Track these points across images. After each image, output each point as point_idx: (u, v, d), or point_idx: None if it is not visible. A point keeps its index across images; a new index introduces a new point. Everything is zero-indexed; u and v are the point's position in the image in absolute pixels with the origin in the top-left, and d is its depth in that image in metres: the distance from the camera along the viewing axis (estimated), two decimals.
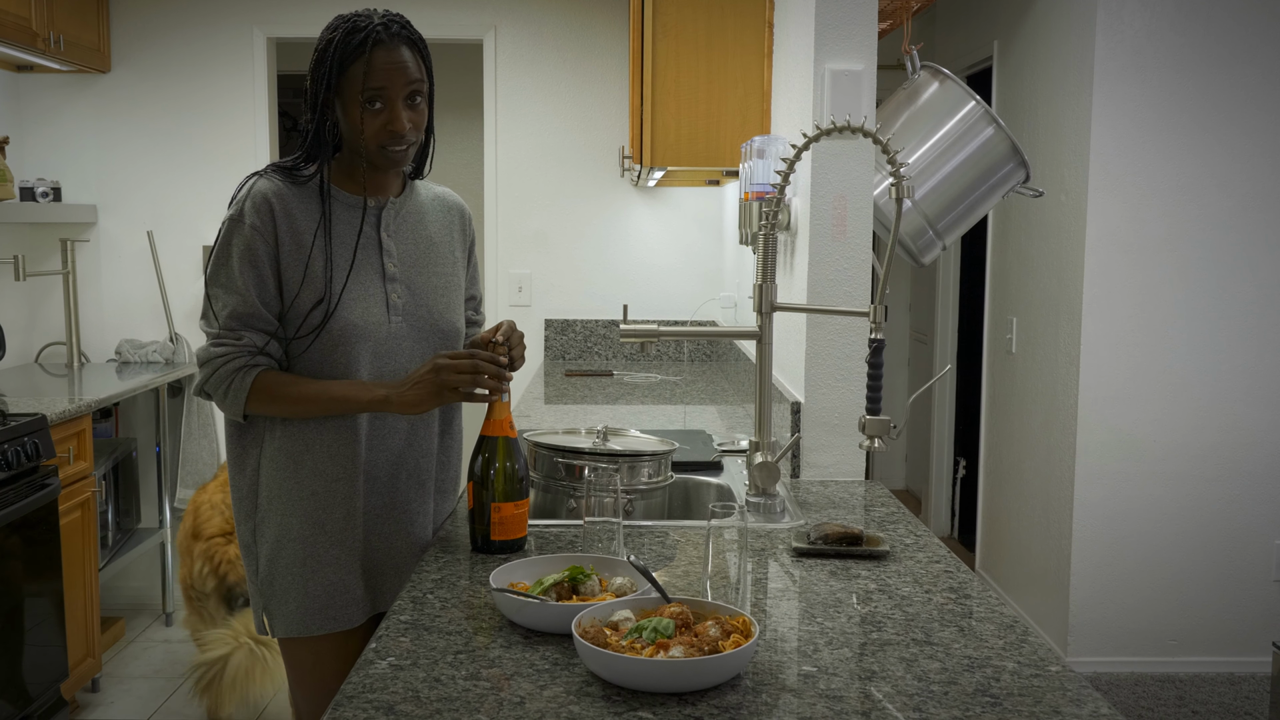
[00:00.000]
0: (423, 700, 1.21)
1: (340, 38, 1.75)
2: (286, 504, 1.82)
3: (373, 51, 1.73)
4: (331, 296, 1.79)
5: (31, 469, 2.95)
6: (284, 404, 1.79)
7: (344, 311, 1.80)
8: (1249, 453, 3.64)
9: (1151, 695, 3.54)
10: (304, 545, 1.82)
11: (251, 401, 1.78)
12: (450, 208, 2.02)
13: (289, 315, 1.81)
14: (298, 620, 1.83)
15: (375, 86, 1.74)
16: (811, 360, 2.36)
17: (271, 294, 1.79)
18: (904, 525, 1.96)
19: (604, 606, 1.35)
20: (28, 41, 3.63)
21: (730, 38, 2.96)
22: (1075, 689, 1.25)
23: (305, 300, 1.79)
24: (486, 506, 1.73)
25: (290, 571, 1.83)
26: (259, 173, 1.85)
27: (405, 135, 1.78)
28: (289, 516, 1.82)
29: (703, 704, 1.19)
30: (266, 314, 1.79)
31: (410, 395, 1.76)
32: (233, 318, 1.78)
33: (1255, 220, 3.59)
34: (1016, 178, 2.75)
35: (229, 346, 1.77)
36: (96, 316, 4.38)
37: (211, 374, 1.78)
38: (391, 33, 1.75)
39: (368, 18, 1.76)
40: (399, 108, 1.76)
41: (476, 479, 1.74)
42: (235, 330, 1.78)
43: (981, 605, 1.54)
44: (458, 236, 2.01)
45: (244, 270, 1.78)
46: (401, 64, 1.75)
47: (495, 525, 1.74)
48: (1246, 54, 3.54)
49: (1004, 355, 4.33)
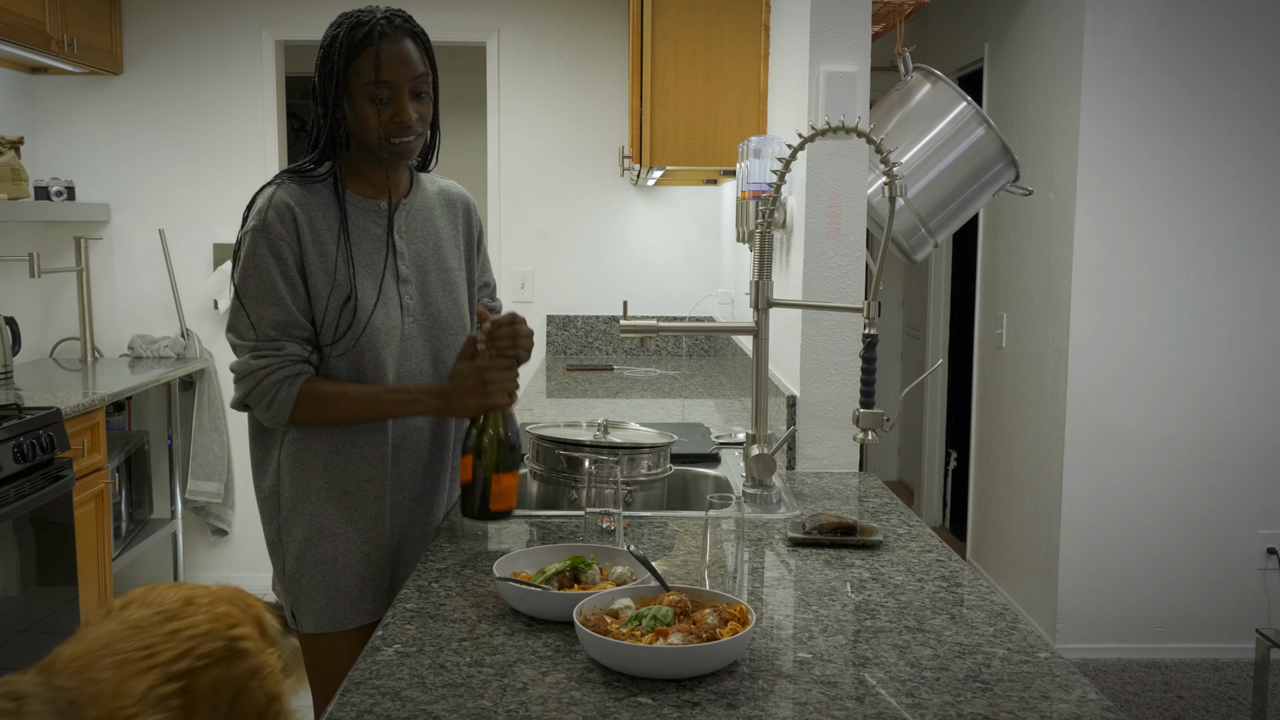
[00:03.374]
0: (428, 686, 1.21)
1: (345, 33, 1.73)
2: (316, 503, 1.81)
3: (379, 45, 1.72)
4: (357, 301, 1.77)
5: (47, 461, 2.95)
6: (332, 413, 1.77)
7: (364, 318, 1.78)
8: (1233, 445, 3.64)
9: (1138, 681, 3.54)
10: (335, 543, 1.82)
11: (298, 411, 1.75)
12: (454, 200, 2.01)
13: (323, 323, 1.78)
14: (326, 616, 1.83)
15: (382, 79, 1.72)
16: (807, 355, 2.36)
17: (304, 302, 1.76)
18: (897, 516, 1.96)
19: (605, 595, 1.35)
20: (42, 44, 3.63)
21: (727, 40, 2.95)
22: (1063, 675, 1.25)
23: (333, 307, 1.77)
24: (488, 478, 1.75)
25: (320, 569, 1.82)
26: (274, 181, 1.82)
27: (412, 126, 1.76)
28: (319, 515, 1.82)
29: (701, 690, 1.20)
30: (304, 322, 1.76)
31: (460, 405, 1.78)
32: (273, 328, 1.74)
33: (1240, 217, 3.59)
34: (1007, 176, 2.75)
35: (271, 358, 1.74)
36: (109, 312, 4.38)
37: (255, 385, 1.74)
38: (395, 26, 1.74)
39: (370, 13, 1.75)
40: (405, 100, 1.75)
41: (475, 451, 1.76)
42: (275, 340, 1.74)
43: (972, 593, 1.54)
44: (463, 229, 2.00)
45: (279, 280, 1.74)
46: (407, 57, 1.74)
47: (495, 496, 1.76)
48: (1230, 54, 3.53)
49: (994, 350, 4.33)
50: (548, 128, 4.44)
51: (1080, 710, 1.16)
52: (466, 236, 2.01)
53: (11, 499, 2.76)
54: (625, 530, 1.80)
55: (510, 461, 1.77)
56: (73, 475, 3.08)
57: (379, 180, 1.86)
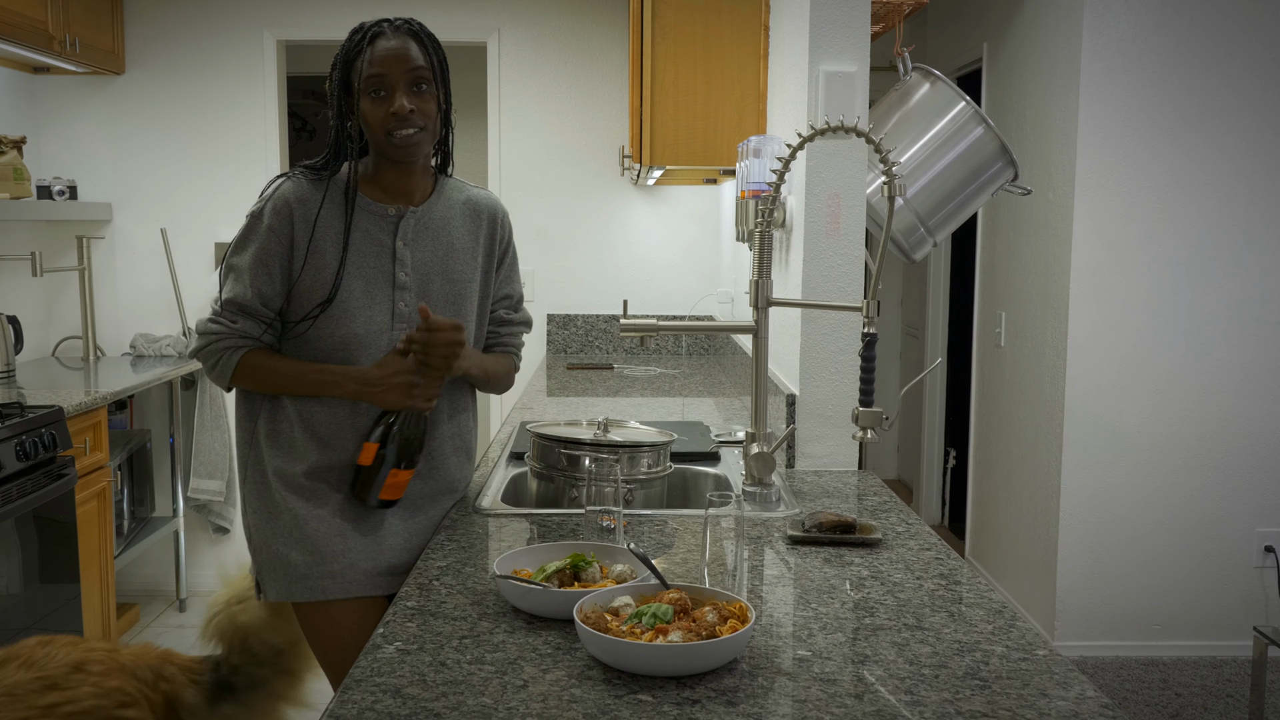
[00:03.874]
0: (429, 683, 1.21)
1: (348, 39, 1.81)
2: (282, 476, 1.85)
3: (373, 43, 1.78)
4: (333, 298, 1.81)
5: (49, 459, 2.95)
6: (266, 384, 1.87)
7: (346, 320, 1.82)
8: (1231, 444, 3.64)
9: (1136, 678, 3.54)
10: (292, 516, 1.84)
11: (237, 377, 1.86)
12: (480, 211, 1.99)
13: (294, 308, 1.84)
14: (284, 586, 1.84)
15: (375, 74, 1.78)
16: (806, 354, 2.35)
17: (275, 292, 1.83)
18: (896, 514, 1.96)
19: (605, 593, 1.35)
20: (44, 44, 3.63)
21: (727, 40, 2.95)
22: (1062, 672, 1.25)
23: (314, 298, 1.82)
24: (387, 470, 1.81)
25: (278, 539, 1.85)
26: (287, 174, 1.88)
27: (409, 118, 1.79)
28: (283, 488, 1.85)
29: (700, 687, 1.20)
30: (263, 309, 1.84)
31: (381, 397, 1.81)
32: (231, 304, 1.84)
33: (1238, 216, 3.59)
34: (1005, 176, 2.75)
35: (223, 327, 1.84)
36: (111, 311, 4.38)
37: (203, 346, 1.87)
38: (395, 26, 1.81)
39: (375, 20, 1.82)
40: (400, 91, 1.79)
41: (382, 441, 1.81)
42: (231, 315, 1.84)
43: (971, 591, 1.54)
44: (484, 241, 1.98)
45: (253, 266, 1.82)
46: (401, 52, 1.79)
47: (389, 487, 1.83)
48: (1228, 54, 3.53)
49: (993, 349, 4.33)
50: (548, 127, 4.44)
51: (1078, 707, 1.16)
52: (488, 248, 1.99)
53: (14, 497, 2.76)
54: (625, 528, 1.80)
55: (411, 460, 1.83)
56: (75, 473, 3.08)
57: (392, 186, 1.89)
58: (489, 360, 2.00)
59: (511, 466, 2.29)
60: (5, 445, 2.74)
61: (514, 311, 2.07)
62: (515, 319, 2.07)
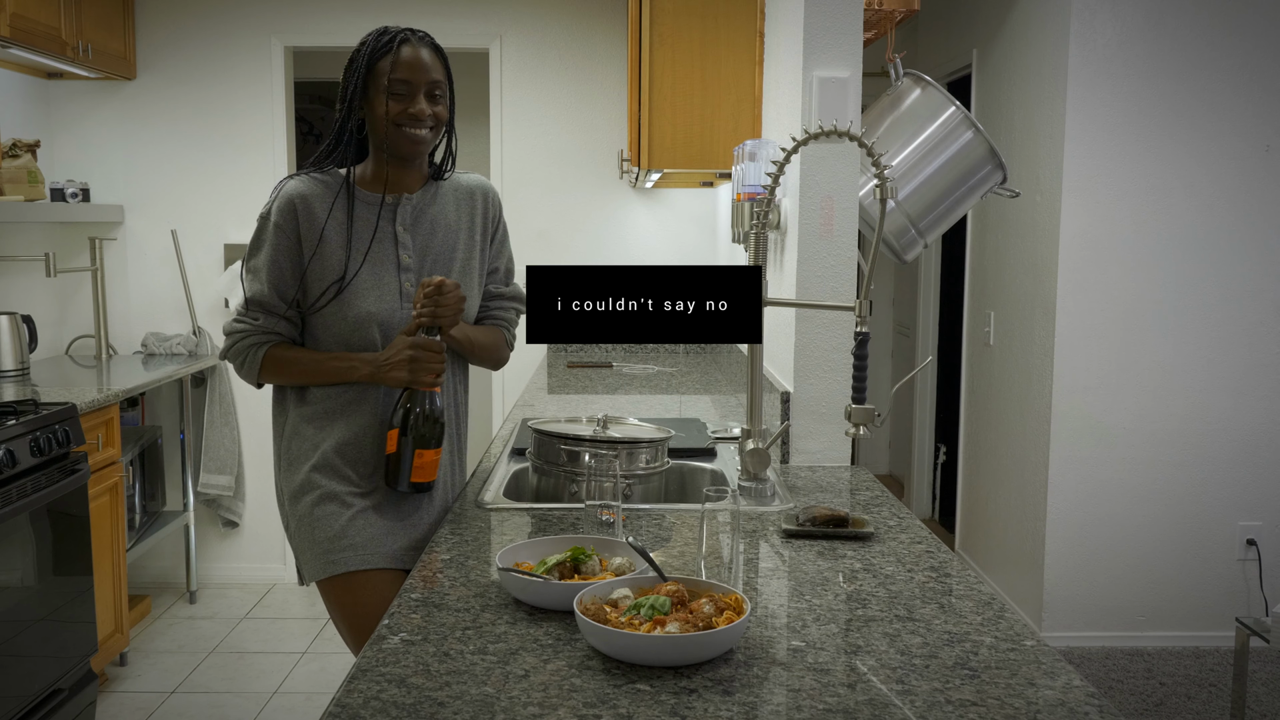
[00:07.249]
0: (433, 673, 1.21)
1: (371, 40, 1.89)
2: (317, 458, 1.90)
3: (399, 48, 1.86)
4: (346, 279, 1.88)
5: (62, 455, 2.95)
6: (290, 374, 1.92)
7: (360, 300, 1.89)
8: (1214, 439, 3.65)
9: (1121, 668, 3.55)
10: (317, 497, 1.89)
11: (264, 373, 1.92)
12: (471, 191, 2.05)
13: (309, 294, 1.90)
14: (318, 567, 1.88)
15: (400, 78, 1.85)
16: (800, 352, 2.36)
17: (289, 285, 1.90)
18: (887, 508, 1.96)
19: (604, 585, 1.35)
20: (58, 50, 3.62)
21: (723, 46, 2.95)
22: (1049, 662, 1.25)
23: (325, 282, 1.89)
24: (411, 453, 1.83)
25: (306, 523, 1.89)
26: (289, 175, 1.95)
27: (424, 120, 1.87)
28: (310, 470, 1.90)
29: (697, 677, 1.20)
30: (281, 303, 1.90)
31: (389, 375, 1.85)
32: (252, 302, 1.91)
33: (1219, 219, 3.59)
34: (994, 179, 2.75)
35: (247, 325, 1.91)
36: (123, 311, 4.37)
37: (231, 345, 1.93)
38: (418, 36, 1.91)
39: (396, 27, 1.90)
40: (420, 97, 1.87)
41: (400, 426, 1.83)
42: (254, 313, 1.91)
43: (961, 583, 1.54)
44: (478, 218, 2.04)
45: (268, 264, 1.90)
46: (425, 61, 1.88)
47: (417, 469, 1.84)
48: (1209, 62, 3.53)
49: (982, 347, 4.34)
50: (548, 131, 4.43)
51: (1065, 696, 1.16)
52: (481, 226, 2.05)
53: (29, 491, 2.75)
54: (624, 522, 1.81)
55: (432, 438, 1.85)
56: (88, 469, 3.08)
57: (390, 181, 1.95)
58: (476, 330, 2.03)
59: (513, 462, 2.29)
60: (20, 441, 2.74)
61: (504, 285, 2.12)
62: (505, 293, 2.12)
